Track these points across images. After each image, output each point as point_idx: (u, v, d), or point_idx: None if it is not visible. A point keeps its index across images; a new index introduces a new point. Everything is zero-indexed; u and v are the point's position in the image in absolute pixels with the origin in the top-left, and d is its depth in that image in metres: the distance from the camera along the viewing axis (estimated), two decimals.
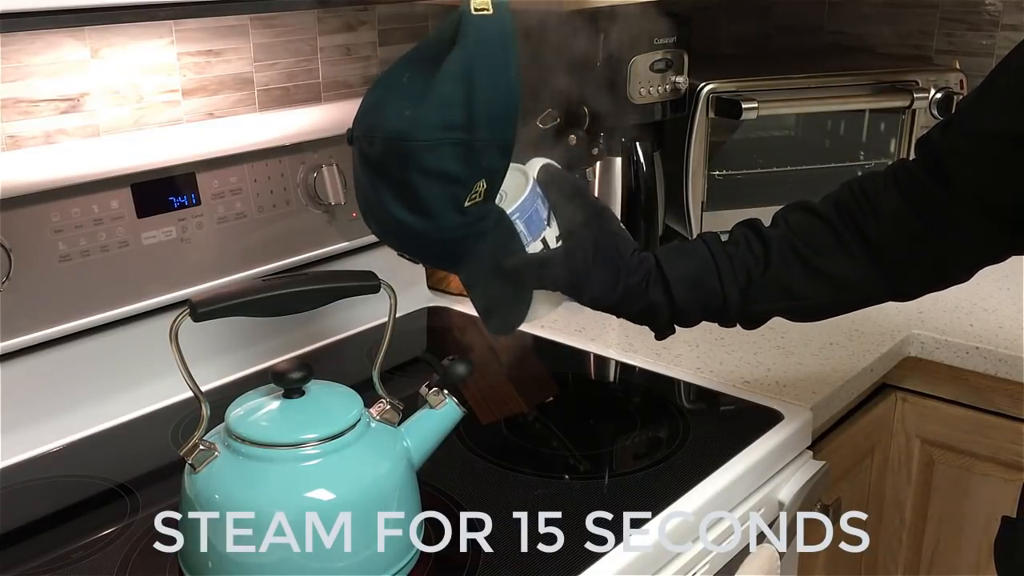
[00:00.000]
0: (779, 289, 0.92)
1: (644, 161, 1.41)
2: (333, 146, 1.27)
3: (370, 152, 0.84)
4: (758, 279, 0.92)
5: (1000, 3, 1.72)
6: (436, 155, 0.81)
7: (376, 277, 0.82)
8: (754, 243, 0.93)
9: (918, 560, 1.43)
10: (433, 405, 0.85)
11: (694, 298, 0.91)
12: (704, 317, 0.94)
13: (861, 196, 0.93)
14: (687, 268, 0.91)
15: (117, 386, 1.11)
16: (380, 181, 0.84)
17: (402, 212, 0.84)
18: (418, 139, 0.80)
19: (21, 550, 0.87)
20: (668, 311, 0.92)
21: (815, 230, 0.93)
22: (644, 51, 1.36)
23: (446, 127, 0.80)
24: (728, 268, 0.91)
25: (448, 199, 0.83)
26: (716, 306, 0.92)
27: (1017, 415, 1.29)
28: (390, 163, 0.82)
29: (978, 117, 0.88)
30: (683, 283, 0.91)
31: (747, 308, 0.93)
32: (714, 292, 0.91)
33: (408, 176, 0.82)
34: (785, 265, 0.92)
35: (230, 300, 0.76)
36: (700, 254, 0.92)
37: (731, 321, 0.94)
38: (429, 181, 0.82)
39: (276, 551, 0.75)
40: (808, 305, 0.94)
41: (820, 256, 0.92)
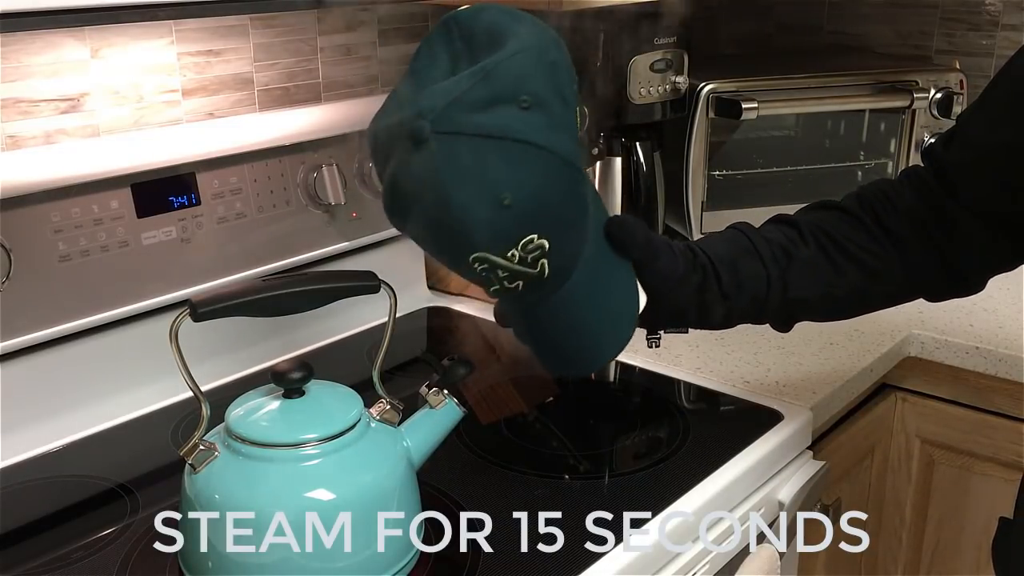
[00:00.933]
0: (816, 273, 0.89)
1: (644, 161, 1.41)
2: (333, 146, 1.27)
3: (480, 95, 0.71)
4: (797, 257, 0.89)
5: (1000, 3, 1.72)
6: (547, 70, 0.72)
7: (376, 277, 0.82)
8: (786, 229, 0.91)
9: (918, 560, 1.43)
10: (433, 405, 0.85)
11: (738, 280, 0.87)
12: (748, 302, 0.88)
13: (880, 194, 0.92)
14: (726, 248, 0.88)
15: (117, 386, 1.11)
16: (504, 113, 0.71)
17: (544, 133, 0.72)
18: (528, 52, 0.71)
19: (21, 550, 0.87)
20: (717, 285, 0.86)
21: (841, 221, 0.91)
22: (644, 51, 1.36)
23: (542, 49, 0.73)
24: (766, 248, 0.88)
25: (570, 120, 0.75)
26: (759, 291, 0.87)
27: (1017, 415, 1.29)
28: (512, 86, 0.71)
29: (979, 128, 0.88)
30: (726, 263, 0.87)
31: (786, 294, 0.89)
32: (758, 273, 0.87)
33: (536, 90, 0.72)
34: (820, 248, 0.89)
35: (230, 300, 0.76)
36: (736, 238, 0.90)
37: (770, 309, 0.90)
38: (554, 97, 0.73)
39: (276, 551, 0.75)
40: (842, 294, 0.90)
41: (851, 242, 0.90)
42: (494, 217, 0.71)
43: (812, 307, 0.91)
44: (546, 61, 0.73)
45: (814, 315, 0.94)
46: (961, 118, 0.92)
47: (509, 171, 0.71)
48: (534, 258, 0.74)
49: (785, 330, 0.94)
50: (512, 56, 0.71)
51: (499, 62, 0.71)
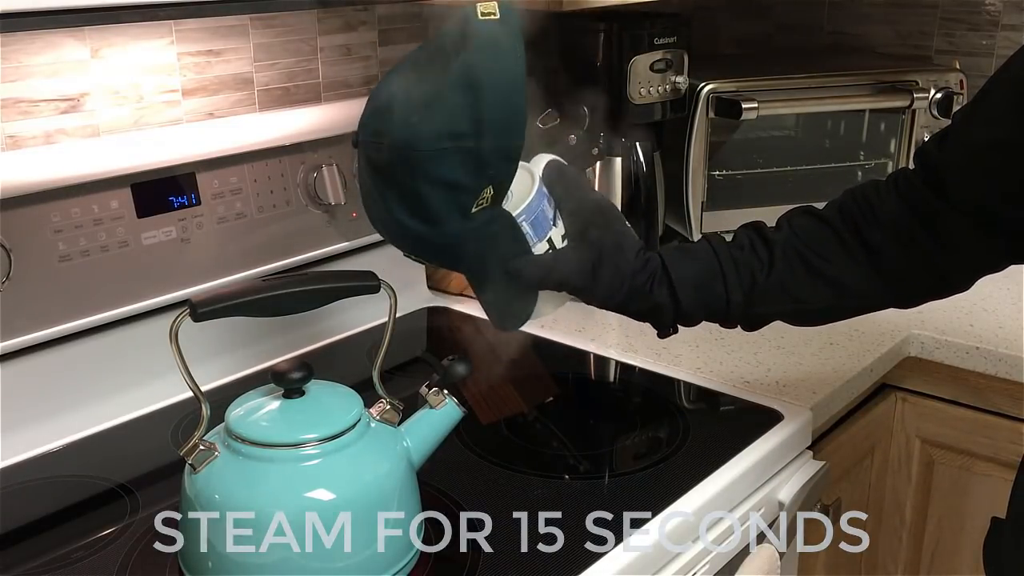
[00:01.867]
0: (782, 293, 0.92)
1: (644, 161, 1.41)
2: (333, 146, 1.27)
3: (376, 158, 0.84)
4: (762, 282, 0.92)
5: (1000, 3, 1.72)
6: (442, 164, 0.80)
7: (376, 277, 0.82)
8: (759, 246, 0.93)
9: (918, 560, 1.43)
10: (433, 405, 0.85)
11: (698, 300, 0.91)
12: (707, 318, 0.94)
13: (863, 202, 0.93)
14: (692, 270, 0.91)
15: (117, 386, 1.11)
16: (386, 187, 0.84)
17: (408, 218, 0.84)
18: (424, 148, 0.80)
19: (21, 550, 0.87)
20: (672, 311, 0.92)
21: (819, 234, 0.93)
22: (644, 51, 1.36)
23: (452, 136, 0.80)
24: (733, 271, 0.92)
25: (455, 206, 0.82)
26: (720, 308, 0.92)
27: (1017, 415, 1.29)
28: (396, 171, 0.82)
29: (973, 128, 0.88)
30: (688, 285, 0.91)
31: (750, 311, 0.93)
32: (718, 295, 0.92)
33: (414, 184, 0.81)
34: (789, 269, 0.92)
35: (230, 300, 0.76)
36: (705, 256, 0.92)
37: (733, 323, 0.95)
38: (435, 189, 0.81)
39: (276, 551, 0.75)
40: (810, 309, 0.94)
41: (823, 260, 0.92)
42: None
43: (779, 318, 0.95)
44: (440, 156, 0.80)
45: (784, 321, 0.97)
46: (956, 117, 0.92)
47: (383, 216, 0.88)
48: None
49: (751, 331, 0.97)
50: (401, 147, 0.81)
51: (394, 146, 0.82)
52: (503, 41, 0.81)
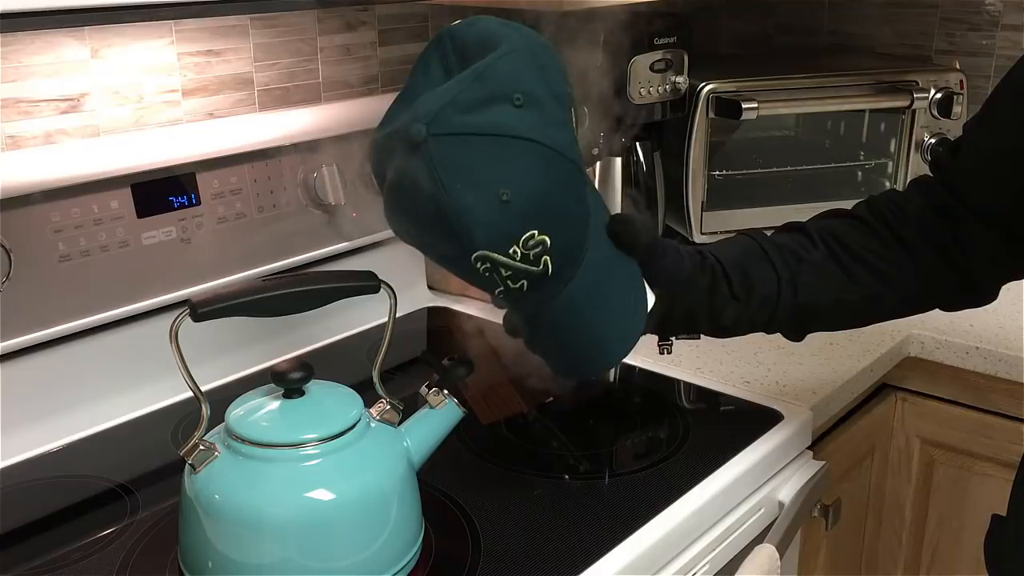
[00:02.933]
0: (828, 278, 0.88)
1: (644, 161, 1.41)
2: (333, 146, 1.26)
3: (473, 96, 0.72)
4: (807, 259, 0.88)
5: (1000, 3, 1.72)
6: (539, 70, 0.74)
7: (376, 277, 0.82)
8: (796, 235, 0.90)
9: (918, 560, 1.43)
10: (433, 405, 0.85)
11: (747, 283, 0.86)
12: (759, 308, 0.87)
13: (890, 203, 0.92)
14: (735, 252, 0.88)
15: (117, 386, 1.11)
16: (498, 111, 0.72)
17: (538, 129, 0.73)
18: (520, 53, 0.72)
19: (21, 550, 0.87)
20: (727, 288, 0.85)
21: (854, 229, 0.91)
22: (644, 51, 1.36)
23: (532, 51, 0.73)
24: (776, 252, 0.88)
25: (563, 117, 0.75)
26: (770, 294, 0.86)
27: (1017, 415, 1.29)
28: (504, 85, 0.72)
29: (984, 137, 0.88)
30: (736, 266, 0.86)
31: (797, 299, 0.88)
32: (768, 277, 0.87)
33: (528, 88, 0.72)
34: (831, 254, 0.89)
35: (230, 300, 0.76)
36: (745, 243, 0.89)
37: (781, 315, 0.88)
38: (547, 94, 0.73)
39: (276, 551, 0.75)
40: (855, 300, 0.89)
41: (863, 247, 0.89)
42: (494, 214, 0.71)
43: (824, 313, 0.90)
44: (537, 61, 0.73)
45: (826, 322, 0.92)
46: (967, 126, 0.91)
47: (507, 167, 0.71)
48: (536, 255, 0.73)
49: (798, 338, 0.93)
50: (503, 57, 0.72)
51: (490, 63, 0.72)
52: None
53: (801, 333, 0.92)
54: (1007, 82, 0.86)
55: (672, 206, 1.51)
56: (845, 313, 0.91)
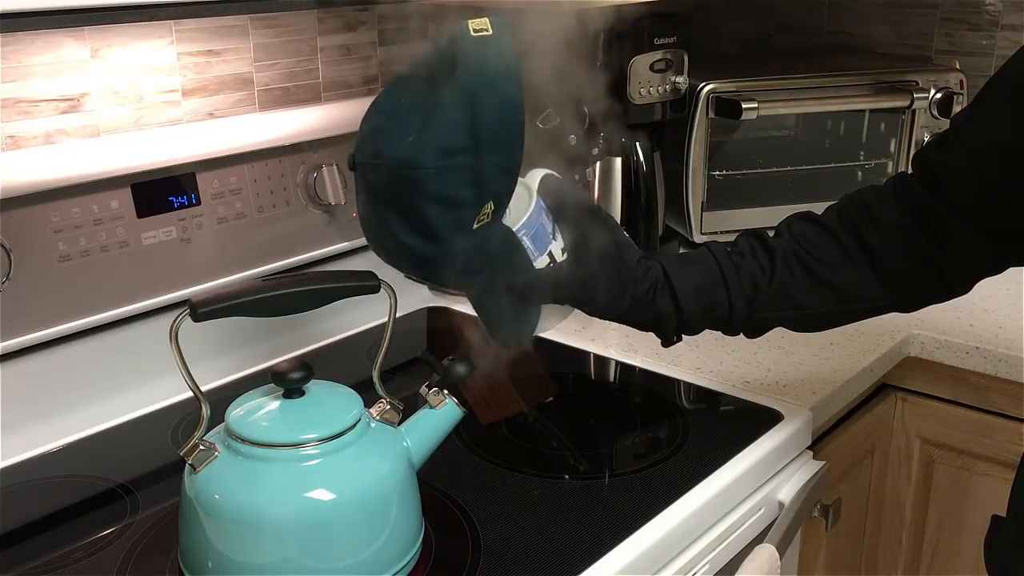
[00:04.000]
0: (784, 299, 0.92)
1: (644, 161, 1.41)
2: (333, 146, 1.27)
3: (375, 179, 0.82)
4: (764, 289, 0.92)
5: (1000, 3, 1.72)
6: (443, 181, 0.79)
7: (376, 277, 0.82)
8: (759, 253, 0.93)
9: (918, 560, 1.43)
10: (433, 405, 0.85)
11: (701, 308, 0.91)
12: (710, 326, 0.94)
13: (862, 207, 0.93)
14: (694, 278, 0.92)
15: (117, 386, 1.11)
16: (386, 207, 0.82)
17: (410, 237, 0.82)
18: (424, 166, 0.78)
19: (21, 550, 0.87)
20: (675, 320, 0.92)
21: (819, 240, 0.93)
22: (644, 51, 1.36)
23: (451, 152, 0.79)
24: (735, 278, 0.92)
25: (456, 223, 0.81)
26: (722, 316, 0.93)
27: (1017, 415, 1.29)
28: (396, 191, 0.81)
29: (972, 131, 0.88)
30: (690, 293, 0.91)
31: (752, 317, 0.93)
32: (721, 302, 0.92)
33: (415, 203, 0.80)
34: (790, 274, 0.92)
35: (230, 300, 0.76)
36: (706, 264, 0.92)
37: (735, 330, 0.95)
38: (436, 207, 0.80)
39: (276, 551, 0.75)
40: (812, 314, 0.94)
41: (824, 266, 0.92)
42: None
43: (781, 324, 0.96)
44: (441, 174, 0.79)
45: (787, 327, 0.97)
46: (954, 121, 0.92)
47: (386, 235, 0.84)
48: None
49: (754, 337, 0.97)
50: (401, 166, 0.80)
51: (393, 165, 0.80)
52: (498, 57, 0.80)
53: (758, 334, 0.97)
54: (999, 78, 0.86)
55: (672, 206, 1.51)
56: (802, 324, 0.97)
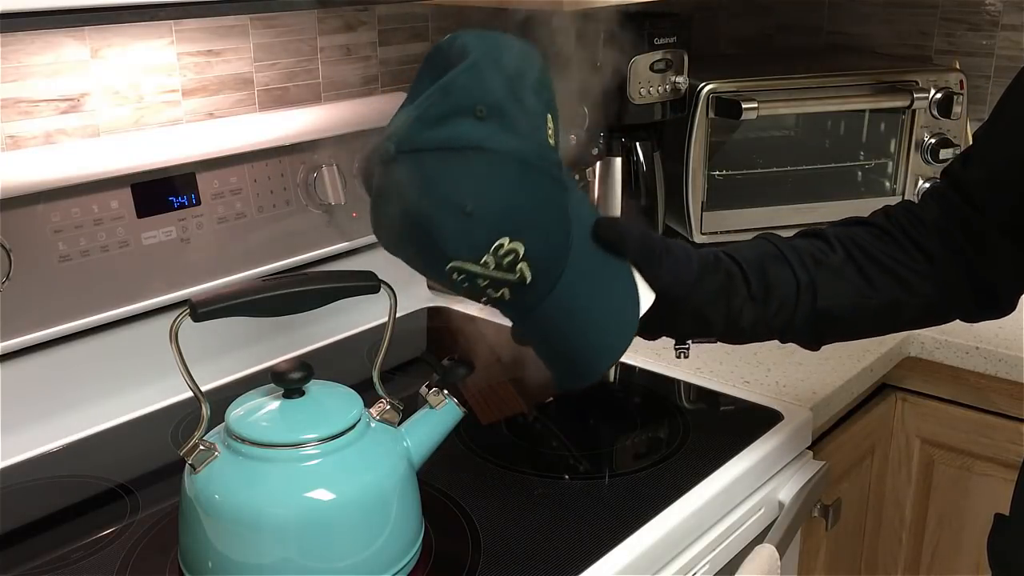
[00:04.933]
0: (846, 282, 0.87)
1: (644, 161, 1.41)
2: (333, 146, 1.27)
3: (436, 111, 0.73)
4: (827, 263, 0.87)
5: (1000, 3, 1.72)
6: (506, 81, 0.73)
7: (376, 277, 0.82)
8: (813, 240, 0.89)
9: (918, 560, 1.43)
10: (433, 405, 0.85)
11: (767, 285, 0.85)
12: (777, 309, 0.86)
13: (907, 212, 0.91)
14: (754, 253, 0.87)
15: (117, 386, 1.11)
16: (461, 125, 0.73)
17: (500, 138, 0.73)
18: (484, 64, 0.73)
19: (21, 550, 0.87)
20: (745, 289, 0.84)
21: (873, 236, 0.90)
22: (644, 51, 1.36)
23: (499, 61, 0.74)
24: (795, 255, 0.87)
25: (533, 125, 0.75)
26: (788, 296, 0.85)
27: (1017, 415, 1.29)
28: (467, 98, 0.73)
29: (993, 146, 0.88)
30: (753, 265, 0.85)
31: (816, 304, 0.86)
32: (786, 279, 0.86)
33: (491, 98, 0.72)
34: (850, 259, 0.88)
35: (230, 300, 0.76)
36: (762, 246, 0.88)
37: (798, 319, 0.87)
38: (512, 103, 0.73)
39: (276, 551, 0.75)
40: (875, 305, 0.88)
41: (883, 253, 0.88)
42: (459, 226, 0.72)
43: (843, 319, 0.88)
44: (501, 69, 0.74)
45: (845, 328, 0.91)
46: (976, 136, 0.91)
47: (468, 179, 0.72)
48: (509, 263, 0.74)
49: (815, 346, 0.91)
50: (465, 70, 0.73)
51: (453, 77, 0.73)
52: None
53: (818, 341, 0.91)
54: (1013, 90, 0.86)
55: (672, 206, 1.51)
56: (865, 319, 0.90)
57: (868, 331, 0.93)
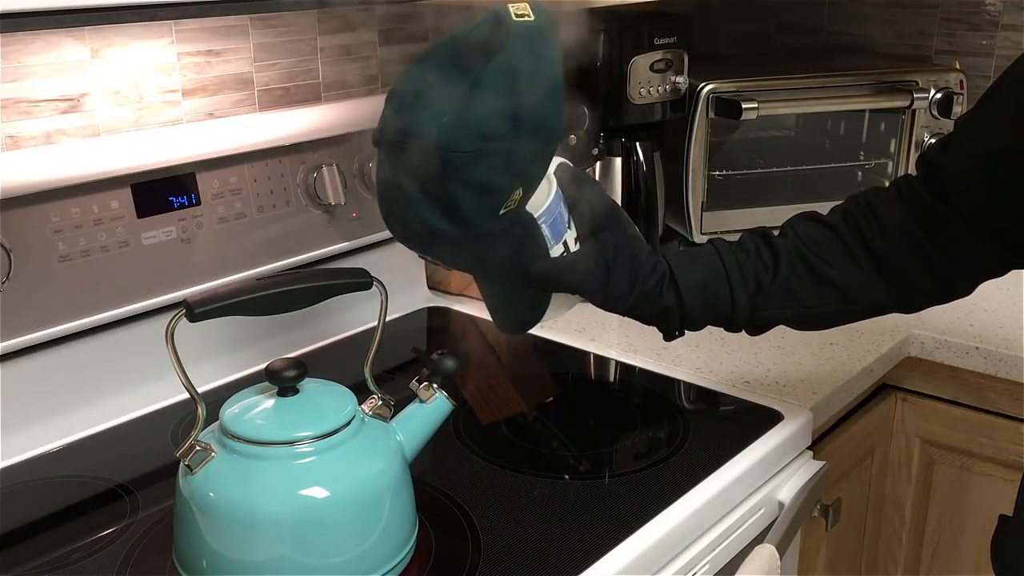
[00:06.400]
0: (787, 297, 0.93)
1: (644, 161, 1.41)
2: (333, 146, 1.27)
3: (404, 158, 0.79)
4: (767, 286, 0.92)
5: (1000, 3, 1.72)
6: (478, 166, 0.77)
7: (368, 274, 0.82)
8: (763, 251, 0.93)
9: (918, 560, 1.43)
10: (423, 399, 0.85)
11: (704, 304, 0.92)
12: (712, 322, 0.94)
13: (867, 208, 0.93)
14: (698, 274, 0.92)
15: (117, 386, 1.11)
16: (413, 188, 0.79)
17: (437, 219, 0.80)
18: (461, 149, 0.77)
19: (21, 550, 0.87)
20: (679, 315, 0.92)
21: (823, 239, 0.93)
22: (644, 51, 1.36)
23: (490, 138, 0.77)
24: (738, 275, 0.92)
25: (485, 208, 0.80)
26: (724, 312, 0.93)
27: (1017, 415, 1.29)
28: (427, 171, 0.78)
29: (976, 134, 0.88)
30: (694, 289, 0.91)
31: (754, 315, 0.93)
32: (724, 299, 0.92)
33: (447, 186, 0.78)
34: (793, 273, 0.92)
35: (225, 300, 0.76)
36: (710, 260, 0.93)
37: (737, 327, 0.95)
38: (468, 191, 0.78)
39: (271, 549, 0.75)
40: (814, 313, 0.94)
41: (827, 265, 0.92)
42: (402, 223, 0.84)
43: (783, 322, 0.96)
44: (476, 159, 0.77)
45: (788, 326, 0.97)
46: (959, 123, 0.92)
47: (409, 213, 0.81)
48: None
49: (756, 335, 0.97)
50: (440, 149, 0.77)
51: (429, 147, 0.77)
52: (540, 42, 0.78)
53: (759, 333, 0.97)
54: (1003, 81, 0.86)
55: (672, 206, 1.51)
56: (804, 323, 0.96)
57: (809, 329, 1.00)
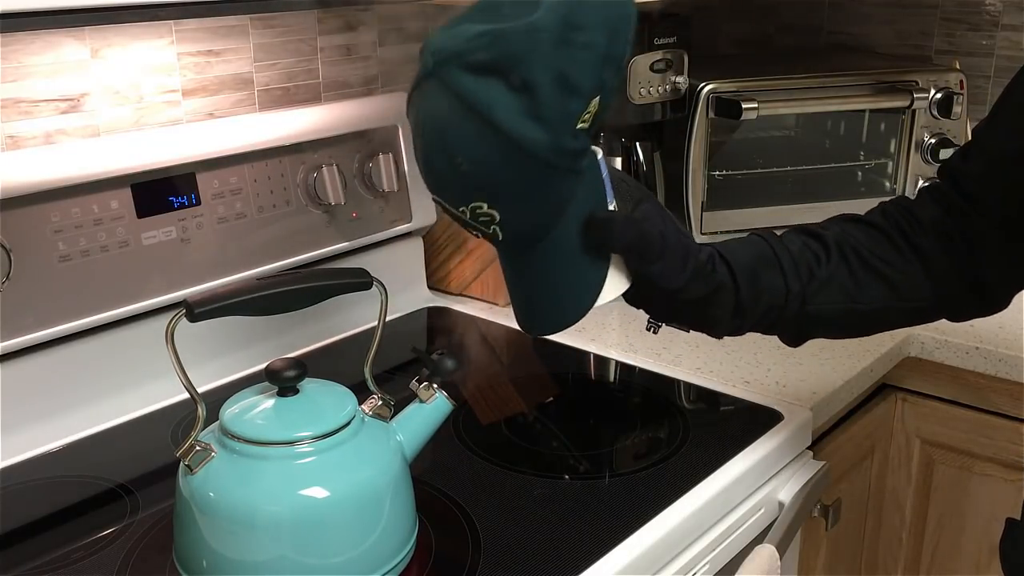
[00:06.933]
0: (838, 290, 0.88)
1: (644, 161, 1.42)
2: (333, 146, 1.27)
3: (479, 58, 0.71)
4: (819, 274, 0.88)
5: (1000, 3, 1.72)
6: (565, 55, 0.71)
7: (368, 274, 0.82)
8: (811, 243, 0.90)
9: (918, 560, 1.43)
10: (423, 399, 0.85)
11: (756, 290, 0.86)
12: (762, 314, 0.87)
13: (903, 209, 0.91)
14: (748, 256, 0.87)
15: (117, 386, 1.11)
16: (490, 85, 0.71)
17: (514, 119, 0.71)
18: (549, 28, 0.70)
19: (21, 550, 0.87)
20: (733, 297, 0.85)
21: (869, 236, 0.90)
22: (644, 51, 1.36)
23: (572, 27, 0.71)
24: (790, 261, 0.87)
25: (565, 111, 0.73)
26: (776, 303, 0.87)
27: (1017, 415, 1.29)
28: (510, 60, 0.71)
29: (994, 139, 0.88)
30: (746, 271, 0.86)
31: (803, 308, 0.88)
32: (776, 286, 0.87)
33: (531, 69, 0.70)
34: (846, 264, 0.88)
35: (225, 300, 0.76)
36: (758, 246, 0.88)
37: (783, 324, 0.89)
38: (551, 81, 0.71)
39: (271, 549, 0.75)
40: (864, 310, 0.89)
41: (878, 259, 0.89)
42: (447, 173, 0.75)
43: (830, 321, 0.90)
44: (562, 41, 0.71)
45: (831, 329, 0.92)
46: (977, 130, 0.91)
47: (471, 140, 0.73)
48: (483, 222, 0.76)
49: (795, 344, 0.92)
50: (523, 30, 0.71)
51: (510, 32, 0.71)
52: None
53: (800, 339, 0.92)
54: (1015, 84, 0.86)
55: (672, 206, 1.51)
56: (852, 322, 0.91)
57: (855, 332, 0.94)
